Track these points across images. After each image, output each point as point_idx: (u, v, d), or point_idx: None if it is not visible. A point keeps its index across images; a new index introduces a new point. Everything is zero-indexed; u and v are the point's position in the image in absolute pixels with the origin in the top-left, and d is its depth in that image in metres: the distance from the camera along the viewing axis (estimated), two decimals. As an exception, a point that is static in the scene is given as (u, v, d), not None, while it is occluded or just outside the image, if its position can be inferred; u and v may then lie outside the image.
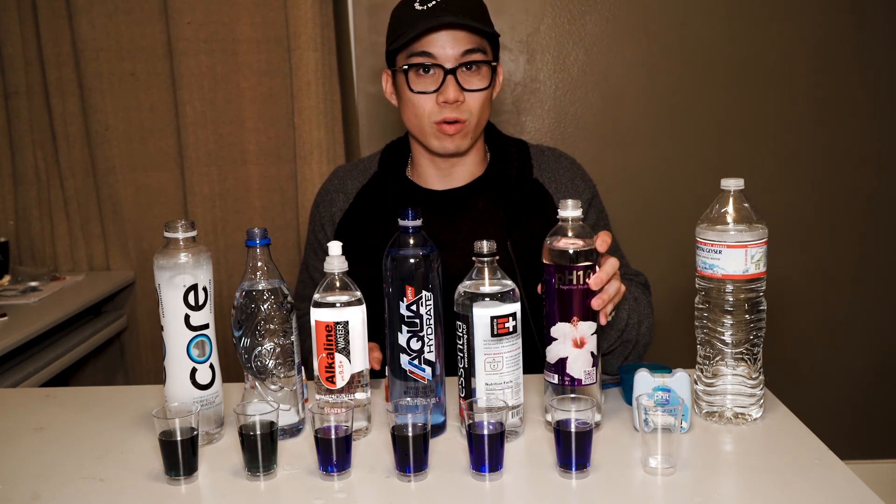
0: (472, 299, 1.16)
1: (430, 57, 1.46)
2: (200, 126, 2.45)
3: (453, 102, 1.47)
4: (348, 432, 1.09)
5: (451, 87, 1.46)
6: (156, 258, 1.19)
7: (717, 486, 1.05)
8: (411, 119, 1.53)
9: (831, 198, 2.59)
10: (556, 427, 1.07)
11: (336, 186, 1.67)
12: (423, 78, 1.48)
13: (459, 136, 1.51)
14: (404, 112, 1.54)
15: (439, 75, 1.47)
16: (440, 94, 1.47)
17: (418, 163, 1.62)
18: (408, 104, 1.51)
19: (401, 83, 1.51)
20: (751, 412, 1.22)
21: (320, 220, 1.67)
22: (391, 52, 1.52)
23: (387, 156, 1.66)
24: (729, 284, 1.19)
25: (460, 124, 1.49)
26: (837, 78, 2.53)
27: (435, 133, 1.51)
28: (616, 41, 2.53)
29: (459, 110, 1.48)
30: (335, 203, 1.65)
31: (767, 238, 1.20)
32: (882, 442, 2.71)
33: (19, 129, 2.51)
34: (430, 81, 1.48)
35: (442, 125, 1.49)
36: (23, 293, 2.27)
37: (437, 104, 1.48)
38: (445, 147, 1.52)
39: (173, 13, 2.39)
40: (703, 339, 1.24)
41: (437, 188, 1.61)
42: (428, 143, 1.53)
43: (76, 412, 1.36)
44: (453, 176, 1.60)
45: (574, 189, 1.60)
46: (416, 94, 1.48)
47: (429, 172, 1.61)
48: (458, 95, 1.47)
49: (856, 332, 2.67)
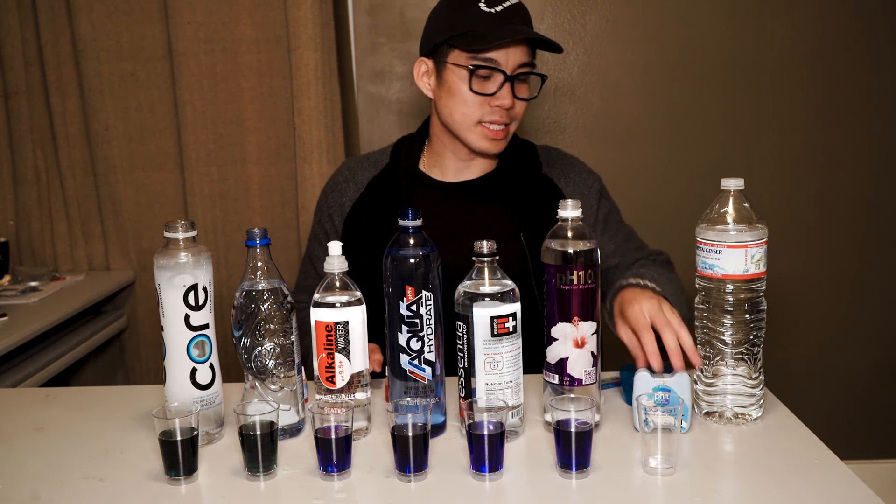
0: (472, 299, 1.16)
1: (495, 63, 1.48)
2: (200, 126, 2.45)
3: (507, 109, 1.51)
4: (348, 432, 1.09)
5: (508, 94, 1.50)
6: (156, 258, 1.19)
7: (717, 486, 1.05)
8: (455, 115, 1.54)
9: (831, 198, 2.59)
10: (556, 427, 1.07)
11: (346, 177, 1.68)
12: (482, 81, 1.50)
13: (503, 139, 1.55)
14: (447, 105, 1.55)
15: (498, 80, 1.49)
16: (495, 98, 1.50)
17: (438, 153, 1.63)
18: (458, 100, 1.52)
19: (455, 79, 1.52)
20: (751, 412, 1.22)
21: (328, 209, 1.67)
22: (443, 45, 1.52)
23: (399, 148, 1.67)
24: (729, 284, 1.19)
25: (506, 128, 1.54)
26: (838, 78, 2.53)
27: (480, 133, 1.53)
28: (616, 41, 2.53)
29: (508, 115, 1.52)
30: (345, 193, 1.66)
31: (767, 238, 1.20)
32: (882, 442, 2.71)
33: (19, 129, 2.51)
34: (489, 85, 1.50)
35: (488, 128, 1.52)
36: (23, 293, 2.27)
37: (490, 106, 1.51)
38: (487, 148, 1.55)
39: (173, 13, 2.39)
40: (703, 339, 1.24)
41: (451, 180, 1.63)
42: (467, 140, 1.55)
43: (76, 412, 1.36)
44: (469, 169, 1.63)
45: (583, 182, 1.64)
46: (475, 94, 1.50)
47: (447, 164, 1.62)
48: (512, 102, 1.51)
49: (856, 332, 2.67)
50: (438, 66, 1.55)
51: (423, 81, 1.59)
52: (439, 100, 1.56)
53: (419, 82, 1.59)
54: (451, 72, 1.52)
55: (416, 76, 1.59)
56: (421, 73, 1.59)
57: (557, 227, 1.19)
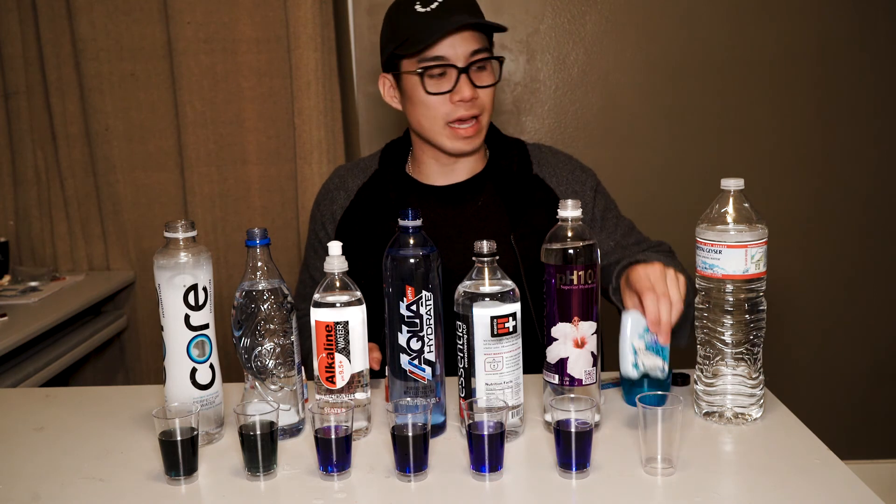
0: (472, 299, 1.16)
1: (443, 59, 1.47)
2: (200, 126, 2.45)
3: (469, 101, 1.49)
4: (348, 432, 1.09)
5: (466, 86, 1.48)
6: (156, 258, 1.19)
7: (717, 486, 1.05)
8: (422, 121, 1.53)
9: (831, 198, 2.59)
10: (556, 427, 1.07)
11: (337, 185, 1.68)
12: (436, 80, 1.49)
13: (474, 136, 1.53)
14: (413, 114, 1.54)
15: (452, 75, 1.48)
16: (455, 94, 1.48)
17: (420, 160, 1.62)
18: (419, 106, 1.51)
19: (411, 86, 1.51)
20: (751, 412, 1.22)
21: (321, 218, 1.67)
22: (393, 56, 1.52)
23: (387, 154, 1.67)
24: (729, 284, 1.19)
25: (476, 123, 1.51)
26: (837, 78, 2.53)
27: (448, 135, 1.52)
28: (616, 41, 2.53)
29: (474, 107, 1.50)
30: (336, 201, 1.66)
31: (767, 238, 1.20)
32: (882, 442, 2.71)
33: (19, 129, 2.51)
34: (445, 82, 1.49)
35: (456, 128, 1.51)
36: (23, 293, 2.27)
37: (452, 103, 1.49)
38: (461, 147, 1.53)
39: (173, 13, 2.39)
40: (703, 339, 1.24)
41: (439, 184, 1.62)
42: (440, 144, 1.54)
43: (76, 412, 1.36)
44: (455, 172, 1.61)
45: (576, 180, 1.61)
46: (431, 95, 1.49)
47: (431, 169, 1.61)
48: (473, 93, 1.49)
49: (856, 332, 2.67)
50: (397, 79, 1.55)
51: (389, 96, 1.59)
52: (407, 111, 1.56)
53: (387, 99, 1.59)
54: (407, 80, 1.52)
55: (383, 93, 1.59)
56: (386, 89, 1.59)
57: (557, 227, 1.19)
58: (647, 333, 1.19)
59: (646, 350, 1.17)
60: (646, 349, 1.19)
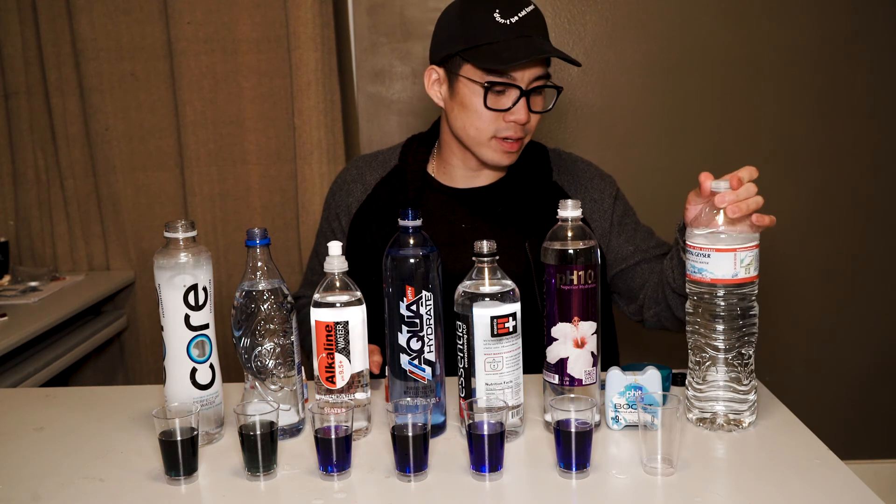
0: (472, 299, 1.16)
1: (512, 79, 1.45)
2: (200, 126, 2.45)
3: (523, 124, 1.48)
4: (348, 432, 1.09)
5: (523, 109, 1.46)
6: (156, 258, 1.19)
7: (716, 487, 1.05)
8: (468, 129, 1.50)
9: (830, 198, 2.59)
10: (556, 427, 1.07)
11: (354, 177, 1.66)
12: (497, 96, 1.46)
13: (516, 153, 1.52)
14: (460, 118, 1.51)
15: (513, 95, 1.46)
16: (510, 114, 1.46)
17: (447, 160, 1.61)
18: (472, 115, 1.49)
19: (468, 93, 1.48)
20: (743, 418, 1.20)
21: (336, 209, 1.66)
22: (456, 55, 1.47)
23: (408, 150, 1.65)
24: (719, 289, 1.18)
25: (520, 142, 1.51)
26: (837, 78, 2.53)
27: (494, 147, 1.50)
28: (616, 41, 2.53)
29: (523, 129, 1.49)
30: (352, 193, 1.65)
31: (758, 242, 1.19)
32: (882, 442, 2.71)
33: (19, 129, 2.51)
34: (504, 99, 1.46)
35: (503, 142, 1.49)
36: (23, 293, 2.27)
37: (505, 121, 1.48)
38: (501, 161, 1.52)
39: (173, 13, 2.39)
40: (693, 344, 1.23)
41: (460, 186, 1.61)
42: (480, 154, 1.53)
43: (76, 412, 1.36)
44: (479, 177, 1.60)
45: (595, 188, 1.61)
46: (490, 110, 1.47)
47: (457, 172, 1.60)
48: (528, 117, 1.48)
49: (855, 332, 2.67)
50: (450, 77, 1.50)
51: (434, 90, 1.55)
52: (451, 111, 1.52)
53: (430, 91, 1.55)
54: (465, 85, 1.48)
55: (427, 84, 1.55)
56: (432, 81, 1.54)
57: (557, 227, 1.19)
58: (628, 391, 1.18)
59: (627, 407, 1.17)
60: (627, 406, 1.19)
